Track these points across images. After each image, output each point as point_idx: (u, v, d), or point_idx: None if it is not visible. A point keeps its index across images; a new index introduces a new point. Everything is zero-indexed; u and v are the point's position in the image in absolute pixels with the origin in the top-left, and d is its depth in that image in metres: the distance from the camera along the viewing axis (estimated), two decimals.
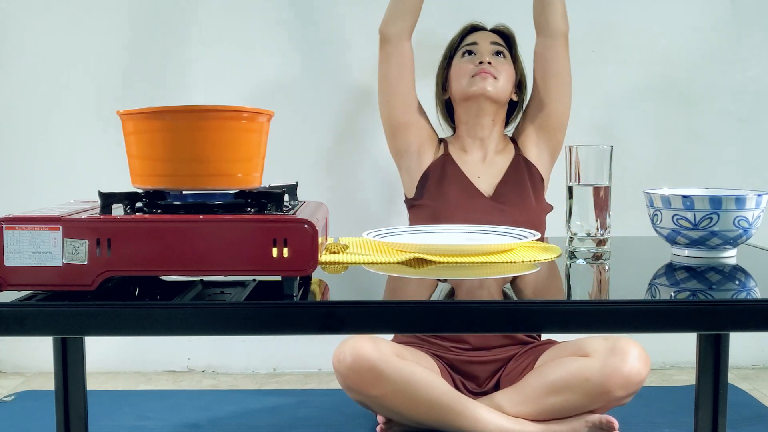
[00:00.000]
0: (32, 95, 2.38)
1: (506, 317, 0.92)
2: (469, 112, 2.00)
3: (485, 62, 1.97)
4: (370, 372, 1.70)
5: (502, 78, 1.98)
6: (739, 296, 0.99)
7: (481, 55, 1.99)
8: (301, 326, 0.92)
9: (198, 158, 1.01)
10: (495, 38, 2.04)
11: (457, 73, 2.01)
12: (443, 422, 1.75)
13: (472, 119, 2.01)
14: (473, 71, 1.97)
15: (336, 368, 1.74)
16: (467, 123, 2.02)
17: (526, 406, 1.77)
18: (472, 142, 2.02)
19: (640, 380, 1.72)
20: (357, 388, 1.72)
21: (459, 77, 2.00)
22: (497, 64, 1.98)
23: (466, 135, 2.03)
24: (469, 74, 1.98)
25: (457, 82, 2.01)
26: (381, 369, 1.70)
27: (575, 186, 1.24)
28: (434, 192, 1.97)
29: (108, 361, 2.44)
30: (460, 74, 2.00)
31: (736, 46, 2.40)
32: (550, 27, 1.97)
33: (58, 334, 0.99)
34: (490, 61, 1.98)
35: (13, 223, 0.91)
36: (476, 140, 2.02)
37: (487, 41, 2.02)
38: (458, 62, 2.02)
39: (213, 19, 2.37)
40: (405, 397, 1.72)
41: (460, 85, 1.99)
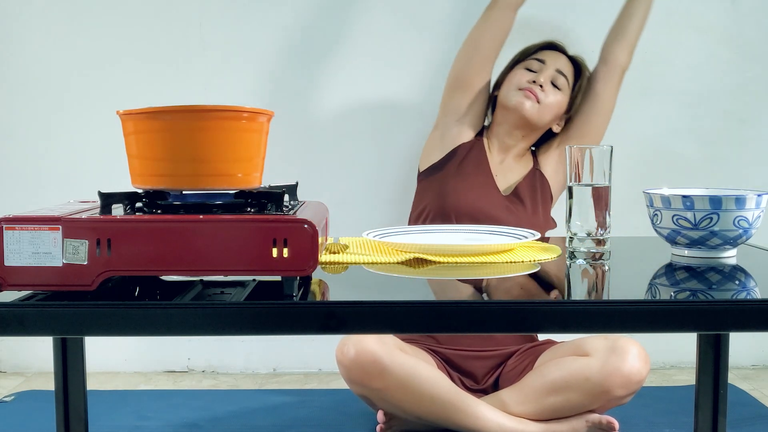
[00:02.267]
0: (32, 95, 2.38)
1: (506, 317, 0.92)
2: (505, 120, 2.03)
3: (538, 83, 1.98)
4: (373, 365, 1.70)
5: (545, 105, 1.98)
6: (739, 296, 0.99)
7: (539, 76, 1.99)
8: (301, 326, 0.92)
9: (198, 158, 1.01)
10: (564, 65, 2.03)
11: (510, 80, 2.03)
12: (444, 418, 1.76)
13: (504, 126, 2.04)
14: (522, 85, 1.98)
15: (339, 361, 1.74)
16: (500, 125, 2.05)
17: (526, 405, 1.77)
18: (498, 143, 2.05)
19: (640, 379, 1.72)
20: (360, 381, 1.73)
21: (509, 85, 2.02)
22: (549, 91, 1.99)
23: (495, 135, 2.06)
24: (517, 86, 1.99)
25: (505, 88, 2.03)
26: (384, 362, 1.70)
27: (575, 186, 1.24)
28: (456, 170, 2.00)
29: (108, 361, 2.44)
30: (512, 83, 2.01)
31: (736, 46, 2.40)
32: (614, 58, 2.03)
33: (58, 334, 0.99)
34: (542, 84, 1.98)
35: (13, 223, 0.91)
36: (502, 143, 2.05)
37: (554, 65, 2.01)
38: (517, 71, 2.03)
39: (213, 19, 2.37)
40: (407, 391, 1.72)
41: (506, 93, 2.01)
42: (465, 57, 2.06)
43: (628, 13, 2.06)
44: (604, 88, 2.04)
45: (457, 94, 2.06)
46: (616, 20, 2.09)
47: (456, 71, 2.07)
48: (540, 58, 2.03)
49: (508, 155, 2.05)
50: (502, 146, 2.05)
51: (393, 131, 2.39)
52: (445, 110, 2.09)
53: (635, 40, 2.06)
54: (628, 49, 2.05)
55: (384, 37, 2.38)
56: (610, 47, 2.06)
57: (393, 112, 2.39)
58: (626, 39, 2.04)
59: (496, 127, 2.06)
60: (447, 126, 2.07)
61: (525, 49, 2.07)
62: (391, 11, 2.37)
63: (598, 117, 2.05)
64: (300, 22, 2.37)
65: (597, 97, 2.05)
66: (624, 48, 2.05)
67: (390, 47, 2.38)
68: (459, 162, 2.01)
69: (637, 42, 2.07)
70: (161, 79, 2.37)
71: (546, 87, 1.99)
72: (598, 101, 2.05)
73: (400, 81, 2.38)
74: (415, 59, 2.38)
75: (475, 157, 2.02)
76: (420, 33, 2.37)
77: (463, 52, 2.06)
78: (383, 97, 2.39)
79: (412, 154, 2.38)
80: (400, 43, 2.37)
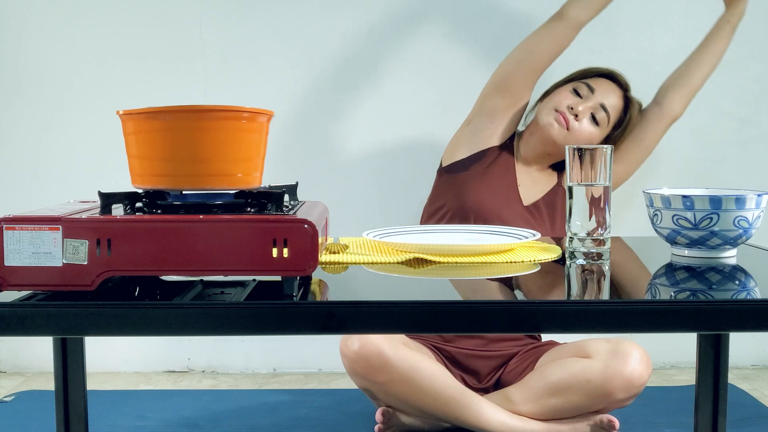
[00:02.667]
0: (32, 95, 2.38)
1: (506, 317, 0.92)
2: (534, 132, 1.99)
3: (575, 112, 1.91)
4: (377, 358, 1.71)
5: (574, 133, 1.92)
6: (739, 296, 0.99)
7: (581, 103, 1.93)
8: (301, 326, 0.92)
9: (198, 158, 1.01)
10: (613, 101, 1.95)
11: (553, 97, 1.97)
12: (447, 414, 1.76)
13: (533, 142, 1.99)
14: (559, 107, 1.92)
15: (343, 353, 1.74)
16: (532, 136, 2.00)
17: (527, 405, 1.77)
18: (525, 152, 2.01)
19: (642, 383, 1.72)
20: (363, 374, 1.73)
21: (551, 102, 1.96)
22: (584, 122, 1.92)
23: (524, 143, 2.02)
24: (555, 106, 1.93)
25: (545, 105, 1.97)
26: (388, 356, 1.71)
27: (575, 186, 1.24)
28: (482, 173, 1.96)
29: (108, 361, 2.44)
30: (553, 101, 1.96)
31: (736, 46, 2.40)
32: (669, 104, 1.99)
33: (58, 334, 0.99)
34: (578, 114, 1.91)
35: (13, 223, 0.91)
36: (528, 158, 2.01)
37: (601, 98, 1.94)
38: (565, 90, 1.96)
39: (213, 19, 2.37)
40: (410, 385, 1.73)
41: (543, 109, 1.97)
42: (515, 61, 1.98)
43: (696, 64, 2.00)
44: (651, 130, 2.00)
45: (497, 97, 1.99)
46: (681, 67, 2.03)
47: (502, 74, 2.00)
48: (592, 86, 1.95)
49: (532, 167, 2.01)
50: (528, 157, 2.01)
51: (393, 131, 2.39)
52: (481, 109, 2.02)
53: (695, 92, 2.01)
54: (686, 99, 2.00)
55: (384, 36, 2.38)
56: (668, 93, 2.00)
57: (393, 111, 2.39)
58: (687, 89, 1.99)
59: (527, 138, 2.01)
60: (480, 125, 2.01)
61: (584, 71, 2.00)
62: (393, 11, 2.37)
63: (636, 155, 2.00)
64: (300, 22, 2.37)
65: (641, 136, 2.00)
66: (682, 98, 1.99)
67: (390, 47, 2.38)
68: (486, 165, 1.97)
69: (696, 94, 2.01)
70: (161, 79, 2.37)
71: (582, 117, 1.91)
72: (642, 142, 2.00)
73: (401, 81, 2.38)
74: (415, 59, 2.38)
75: (503, 164, 1.98)
76: (417, 29, 2.37)
77: (515, 57, 1.99)
78: (383, 97, 2.39)
79: (412, 153, 2.38)
80: (401, 43, 2.37)
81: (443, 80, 2.38)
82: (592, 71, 2.00)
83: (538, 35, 1.97)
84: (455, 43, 2.37)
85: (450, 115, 2.38)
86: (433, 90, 2.37)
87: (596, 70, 2.01)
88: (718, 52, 2.01)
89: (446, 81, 2.38)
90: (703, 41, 2.02)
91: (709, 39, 2.02)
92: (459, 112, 2.19)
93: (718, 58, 2.02)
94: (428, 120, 2.39)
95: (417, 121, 2.38)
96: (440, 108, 2.38)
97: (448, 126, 2.21)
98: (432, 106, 2.32)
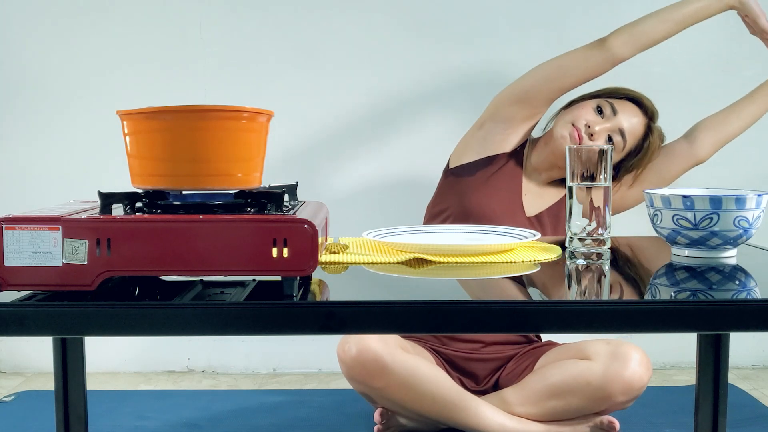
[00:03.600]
0: (32, 95, 2.38)
1: (506, 317, 0.92)
2: (547, 142, 1.96)
3: (593, 132, 1.86)
4: (374, 364, 1.70)
5: None
6: (739, 296, 0.99)
7: (599, 122, 1.88)
8: (301, 326, 0.92)
9: (198, 158, 1.01)
10: (634, 127, 1.90)
11: (572, 111, 1.92)
12: (446, 417, 1.76)
13: (545, 152, 1.96)
14: (576, 123, 1.88)
15: (341, 359, 1.74)
16: (546, 146, 1.96)
17: (527, 406, 1.77)
18: (533, 167, 1.98)
19: (642, 385, 1.72)
20: (361, 379, 1.73)
21: (570, 114, 1.91)
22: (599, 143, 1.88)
23: (536, 153, 1.98)
24: (572, 120, 1.89)
25: (564, 116, 1.93)
26: (386, 361, 1.70)
27: (575, 186, 1.24)
28: (487, 180, 1.93)
29: (108, 361, 2.44)
30: (572, 114, 1.91)
31: (736, 46, 2.40)
32: (699, 146, 1.95)
33: (58, 334, 0.99)
34: (594, 134, 1.86)
35: (13, 223, 0.91)
36: (537, 169, 1.98)
37: (622, 122, 1.89)
38: (588, 105, 1.91)
39: (213, 19, 2.37)
40: (409, 389, 1.72)
41: (560, 120, 1.92)
42: (542, 77, 1.91)
43: (738, 115, 1.96)
44: (675, 165, 1.96)
45: (515, 106, 1.93)
46: (722, 112, 1.98)
47: (526, 86, 1.93)
48: (616, 107, 1.90)
49: (539, 178, 1.98)
50: (537, 167, 1.98)
51: (393, 131, 2.39)
52: (496, 115, 1.96)
53: (728, 142, 1.97)
54: (717, 146, 1.96)
55: (384, 37, 2.37)
56: (701, 134, 1.96)
57: (393, 111, 2.39)
58: (721, 136, 1.95)
59: (541, 147, 1.97)
60: (493, 131, 1.96)
61: (612, 89, 1.95)
62: (392, 12, 2.37)
63: (653, 186, 1.95)
64: (300, 22, 2.37)
65: (664, 169, 1.96)
66: (714, 144, 1.95)
67: (390, 47, 2.38)
68: (493, 172, 1.94)
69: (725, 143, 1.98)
70: (161, 79, 2.37)
71: (597, 138, 1.87)
72: (662, 175, 1.96)
73: (401, 81, 2.38)
74: (416, 59, 2.38)
75: (510, 172, 1.95)
76: (421, 33, 2.37)
77: (543, 72, 1.92)
78: (383, 97, 2.39)
79: (412, 153, 2.38)
80: (401, 43, 2.37)
81: (444, 80, 2.38)
82: (621, 92, 1.95)
83: (573, 57, 1.90)
84: (455, 43, 2.37)
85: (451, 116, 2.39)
86: (434, 90, 2.37)
87: (625, 92, 1.95)
88: (761, 108, 1.96)
89: (446, 81, 2.38)
90: (750, 93, 1.98)
91: (755, 93, 1.97)
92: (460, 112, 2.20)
93: (761, 114, 1.97)
94: (429, 120, 2.39)
95: (418, 121, 2.38)
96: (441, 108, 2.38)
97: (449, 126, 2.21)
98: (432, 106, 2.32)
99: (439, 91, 2.38)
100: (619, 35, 1.86)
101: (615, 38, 1.86)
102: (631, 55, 1.88)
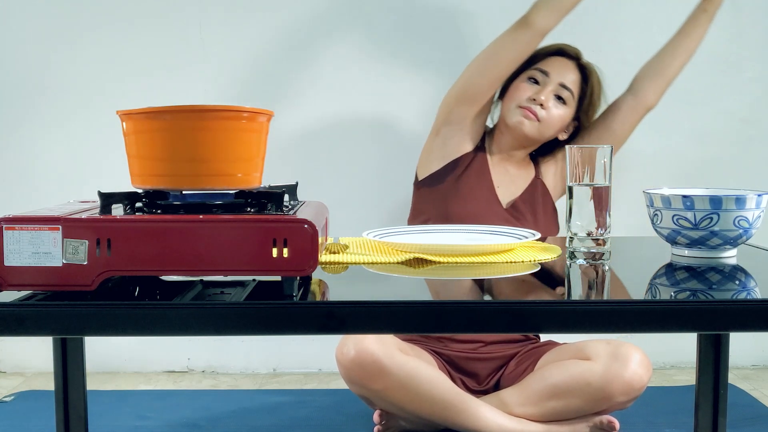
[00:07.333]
0: (32, 95, 2.38)
1: (506, 317, 0.92)
2: (506, 133, 1.99)
3: (539, 101, 1.91)
4: (373, 365, 1.70)
5: (546, 122, 1.93)
6: (739, 296, 0.99)
7: (540, 91, 1.92)
8: (301, 326, 0.92)
9: (198, 158, 1.01)
10: (570, 77, 1.95)
11: (511, 95, 1.97)
12: (445, 418, 1.76)
13: (506, 140, 1.99)
14: (522, 103, 1.93)
15: (339, 361, 1.74)
16: (503, 135, 2.00)
17: (527, 407, 1.77)
18: (500, 152, 2.01)
19: (642, 386, 1.72)
20: (360, 382, 1.73)
21: (511, 100, 1.96)
22: (551, 107, 1.92)
23: (496, 144, 2.02)
24: (517, 104, 1.93)
25: (507, 104, 1.97)
26: (384, 363, 1.70)
27: (575, 186, 1.24)
28: (456, 182, 1.96)
29: (108, 361, 2.44)
30: (513, 98, 1.95)
31: (736, 46, 2.40)
32: (644, 95, 1.97)
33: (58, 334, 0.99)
34: (543, 103, 1.91)
35: (13, 223, 0.91)
36: (503, 154, 2.01)
37: (558, 77, 1.94)
38: (519, 83, 1.96)
39: (213, 19, 2.37)
40: (407, 391, 1.72)
41: (507, 110, 1.96)
42: (479, 70, 1.95)
43: (672, 53, 1.98)
44: (624, 120, 1.98)
45: (464, 105, 1.97)
46: (656, 56, 2.01)
47: (467, 82, 1.97)
48: (544, 69, 1.94)
49: (509, 164, 2.01)
50: (504, 156, 2.01)
51: (393, 131, 2.39)
52: (447, 118, 2.00)
53: (670, 82, 1.99)
54: (661, 89, 1.98)
55: (385, 37, 2.37)
56: (643, 83, 1.99)
57: (393, 112, 2.39)
58: (662, 78, 1.97)
59: (499, 137, 2.01)
60: (450, 134, 1.99)
61: (531, 57, 1.97)
62: (393, 12, 2.37)
63: (608, 142, 1.97)
64: (300, 22, 2.37)
65: (613, 126, 1.99)
66: (657, 88, 1.98)
67: (391, 48, 2.38)
68: (460, 174, 1.96)
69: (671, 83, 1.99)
70: (161, 79, 2.37)
71: (547, 103, 1.91)
72: (614, 131, 1.99)
73: (401, 81, 2.38)
74: (416, 60, 2.38)
75: (478, 168, 1.97)
76: (421, 35, 2.37)
77: (479, 65, 1.96)
78: (384, 97, 2.39)
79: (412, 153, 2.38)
80: (401, 44, 2.37)
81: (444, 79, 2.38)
82: (540, 53, 1.98)
83: (501, 43, 1.92)
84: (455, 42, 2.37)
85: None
86: (434, 91, 2.37)
87: (543, 51, 1.98)
88: (694, 41, 1.98)
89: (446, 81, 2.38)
90: (679, 30, 2.00)
91: (685, 28, 2.00)
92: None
93: (695, 47, 1.99)
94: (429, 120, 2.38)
95: (418, 122, 2.38)
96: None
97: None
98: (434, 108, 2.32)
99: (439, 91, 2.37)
100: (538, 9, 1.89)
101: (536, 13, 1.89)
102: (555, 23, 1.90)
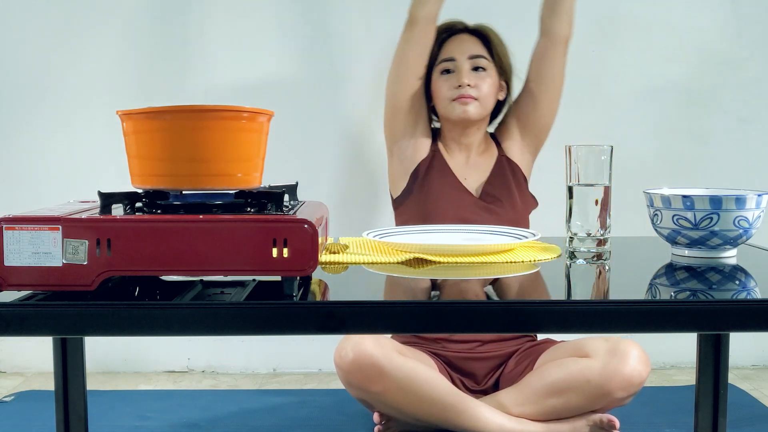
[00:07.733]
0: (32, 95, 2.38)
1: (506, 317, 0.92)
2: (454, 129, 2.00)
3: (464, 85, 1.93)
4: (371, 368, 1.70)
5: (483, 96, 1.95)
6: (739, 296, 0.99)
7: (459, 76, 1.94)
8: (301, 326, 0.92)
9: (198, 158, 1.01)
10: (473, 47, 1.98)
11: (437, 94, 1.99)
12: (444, 420, 1.76)
13: (456, 132, 2.01)
14: (453, 95, 1.94)
15: (337, 364, 1.74)
16: (452, 131, 2.01)
17: (526, 406, 1.77)
18: (457, 146, 2.02)
19: (641, 381, 1.72)
20: (358, 385, 1.73)
21: (440, 99, 1.98)
22: (477, 82, 1.95)
23: (450, 138, 2.03)
24: (449, 99, 1.95)
25: (439, 103, 1.99)
26: (383, 365, 1.70)
27: (575, 186, 1.24)
28: (424, 189, 1.97)
29: (108, 361, 2.44)
30: (441, 96, 1.97)
31: (736, 46, 2.40)
32: (554, 31, 1.95)
33: (58, 334, 0.99)
34: (469, 83, 1.93)
35: (13, 223, 0.91)
36: (461, 145, 2.02)
37: (464, 55, 1.96)
38: (437, 80, 1.98)
39: (213, 19, 2.37)
40: (406, 393, 1.72)
41: (442, 108, 1.98)
42: (395, 78, 1.97)
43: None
44: (552, 60, 1.96)
45: (398, 117, 1.99)
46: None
47: (391, 95, 1.99)
48: (449, 57, 1.96)
49: (470, 152, 2.02)
50: (461, 146, 2.02)
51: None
52: (393, 135, 2.02)
53: (572, 9, 1.96)
54: (567, 19, 1.95)
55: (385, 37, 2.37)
56: (548, 21, 1.96)
57: None
58: (563, 10, 1.94)
59: (448, 132, 2.02)
60: (402, 148, 2.01)
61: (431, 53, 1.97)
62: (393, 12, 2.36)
63: (548, 92, 1.98)
64: (300, 22, 2.37)
65: (545, 70, 1.97)
66: (563, 20, 1.95)
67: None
68: (423, 179, 1.97)
69: (574, 9, 1.96)
70: (161, 79, 2.37)
71: (472, 81, 1.94)
72: (548, 78, 1.98)
73: None
74: None
75: (439, 169, 1.98)
76: None
77: (393, 75, 1.98)
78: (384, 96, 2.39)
79: None
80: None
81: None
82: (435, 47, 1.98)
83: (402, 48, 1.95)
84: None
85: None
86: None
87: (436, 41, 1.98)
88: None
89: None
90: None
91: None
92: None
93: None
94: None
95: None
96: None
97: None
98: None
99: None
100: (415, 3, 1.91)
101: (414, 7, 1.91)
102: (439, 8, 1.92)
